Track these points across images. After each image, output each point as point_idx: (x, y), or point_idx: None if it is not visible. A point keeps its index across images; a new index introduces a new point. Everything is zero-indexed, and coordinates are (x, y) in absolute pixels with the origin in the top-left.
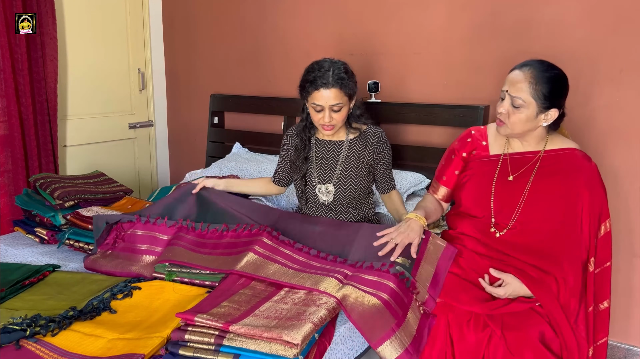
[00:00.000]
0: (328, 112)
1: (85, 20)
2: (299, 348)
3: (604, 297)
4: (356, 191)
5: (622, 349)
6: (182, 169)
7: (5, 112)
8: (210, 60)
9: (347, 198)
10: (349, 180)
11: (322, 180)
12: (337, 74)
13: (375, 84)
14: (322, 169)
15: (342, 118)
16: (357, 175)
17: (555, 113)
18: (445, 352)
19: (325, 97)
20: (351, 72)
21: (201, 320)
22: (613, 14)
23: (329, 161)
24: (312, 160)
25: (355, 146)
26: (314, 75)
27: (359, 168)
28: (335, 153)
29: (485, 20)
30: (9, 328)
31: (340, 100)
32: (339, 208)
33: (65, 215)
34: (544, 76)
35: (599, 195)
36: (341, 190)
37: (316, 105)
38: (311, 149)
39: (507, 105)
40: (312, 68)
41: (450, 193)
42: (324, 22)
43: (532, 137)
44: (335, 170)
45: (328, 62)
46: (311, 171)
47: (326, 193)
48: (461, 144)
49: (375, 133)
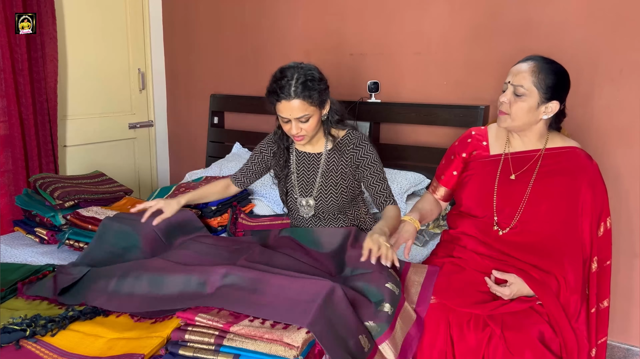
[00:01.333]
0: (295, 123)
1: (85, 20)
2: (299, 350)
3: (604, 296)
4: (338, 202)
5: (622, 349)
6: (182, 169)
7: (6, 112)
8: (210, 60)
9: (329, 209)
10: (330, 192)
11: (303, 193)
12: (301, 83)
13: (375, 84)
14: (304, 182)
15: (312, 128)
16: (337, 187)
17: (556, 106)
18: (445, 352)
19: (288, 109)
20: (319, 77)
21: (202, 320)
22: (613, 14)
23: (310, 174)
24: (293, 172)
25: (334, 157)
26: (276, 86)
27: (339, 179)
28: (314, 165)
29: (485, 20)
30: (9, 328)
31: (306, 111)
32: (324, 216)
33: (65, 215)
34: (547, 67)
35: (601, 194)
36: (322, 204)
37: (282, 117)
38: (291, 158)
39: (509, 95)
40: (275, 77)
41: (450, 193)
42: (324, 22)
43: (533, 132)
44: (314, 183)
45: (292, 69)
46: (292, 183)
47: (307, 206)
48: (462, 145)
49: (351, 140)
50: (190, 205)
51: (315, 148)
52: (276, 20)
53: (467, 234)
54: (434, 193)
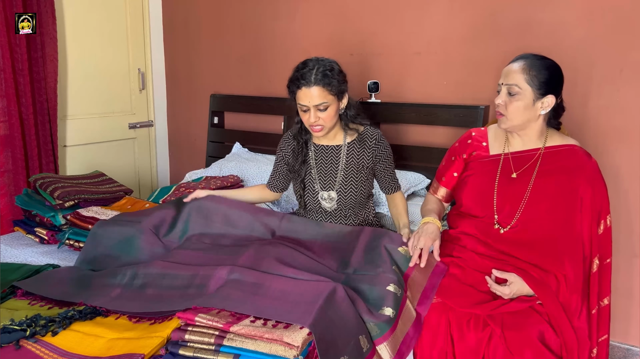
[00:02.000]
0: (314, 111)
1: (85, 20)
2: (299, 350)
3: (605, 294)
4: (358, 196)
5: (622, 349)
6: (182, 169)
7: (6, 112)
8: (210, 60)
9: (349, 203)
10: (350, 185)
11: (324, 186)
12: (321, 72)
13: (375, 84)
14: (323, 176)
15: (330, 118)
16: (357, 179)
17: (552, 100)
18: (445, 352)
19: (308, 96)
20: (338, 70)
21: (202, 320)
22: (613, 14)
23: (329, 167)
24: (312, 166)
25: (354, 149)
26: (297, 74)
27: (360, 172)
28: (334, 158)
29: (485, 20)
30: (9, 328)
31: (325, 99)
32: (339, 213)
33: (65, 215)
34: (537, 63)
35: (600, 191)
36: (343, 196)
37: (301, 105)
38: (309, 154)
39: (503, 96)
40: (297, 67)
41: (450, 193)
42: (324, 22)
43: (532, 130)
44: (336, 176)
45: (313, 61)
46: (311, 177)
47: (329, 199)
48: (462, 146)
49: (372, 135)
50: None
51: (334, 141)
52: (276, 20)
53: (467, 234)
54: (435, 194)
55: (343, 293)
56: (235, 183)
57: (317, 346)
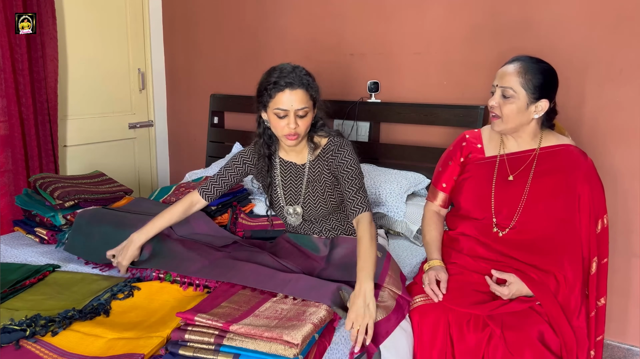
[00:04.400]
0: (293, 117)
1: (85, 20)
2: (298, 348)
3: (602, 294)
4: (326, 208)
5: (621, 349)
6: (182, 169)
7: (6, 112)
8: (210, 60)
9: (317, 216)
10: (317, 200)
11: (290, 201)
12: (303, 74)
13: (375, 84)
14: (289, 191)
15: (306, 126)
16: (323, 195)
17: (546, 104)
18: (445, 352)
19: (291, 99)
20: (313, 76)
21: (201, 320)
22: (613, 14)
23: (293, 183)
24: (278, 183)
25: (317, 166)
26: (277, 77)
27: (324, 188)
28: (299, 175)
29: (484, 20)
30: (9, 328)
31: (306, 103)
32: (314, 220)
33: (65, 215)
34: (532, 67)
35: (598, 190)
36: (309, 211)
37: (280, 110)
38: (276, 170)
39: (497, 98)
40: (272, 71)
41: (449, 198)
42: (324, 21)
43: (526, 132)
44: (301, 191)
45: (289, 65)
46: (277, 192)
47: (294, 214)
48: (457, 149)
49: (331, 147)
50: None
51: (299, 158)
52: (276, 20)
53: (466, 235)
54: (434, 201)
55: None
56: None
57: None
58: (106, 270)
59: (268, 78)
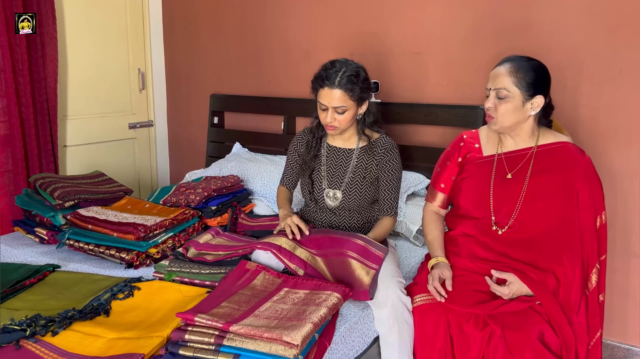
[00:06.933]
0: (331, 112)
1: (85, 20)
2: (298, 349)
3: (601, 290)
4: (362, 199)
5: (621, 349)
6: (182, 169)
7: (6, 112)
8: (210, 60)
9: (352, 205)
10: (355, 188)
11: (331, 185)
12: (347, 76)
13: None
14: (331, 174)
15: (346, 121)
16: (363, 184)
17: (541, 100)
18: (445, 352)
19: (329, 97)
20: (364, 77)
21: (201, 320)
22: (613, 14)
23: (338, 168)
24: (323, 163)
25: (364, 155)
26: (323, 73)
27: (366, 177)
28: (345, 160)
29: (485, 20)
30: (9, 328)
31: (344, 103)
32: (343, 213)
33: (65, 215)
34: (523, 65)
35: (596, 187)
36: (347, 197)
37: (321, 103)
38: (321, 150)
39: (492, 99)
40: (324, 66)
41: (448, 199)
42: (325, 21)
43: (524, 131)
44: (344, 177)
45: (341, 62)
46: (320, 174)
47: (333, 198)
48: (455, 149)
49: (383, 144)
50: (180, 204)
51: (347, 144)
52: (277, 20)
53: (466, 234)
54: (432, 201)
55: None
56: (235, 184)
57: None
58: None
59: (319, 71)
